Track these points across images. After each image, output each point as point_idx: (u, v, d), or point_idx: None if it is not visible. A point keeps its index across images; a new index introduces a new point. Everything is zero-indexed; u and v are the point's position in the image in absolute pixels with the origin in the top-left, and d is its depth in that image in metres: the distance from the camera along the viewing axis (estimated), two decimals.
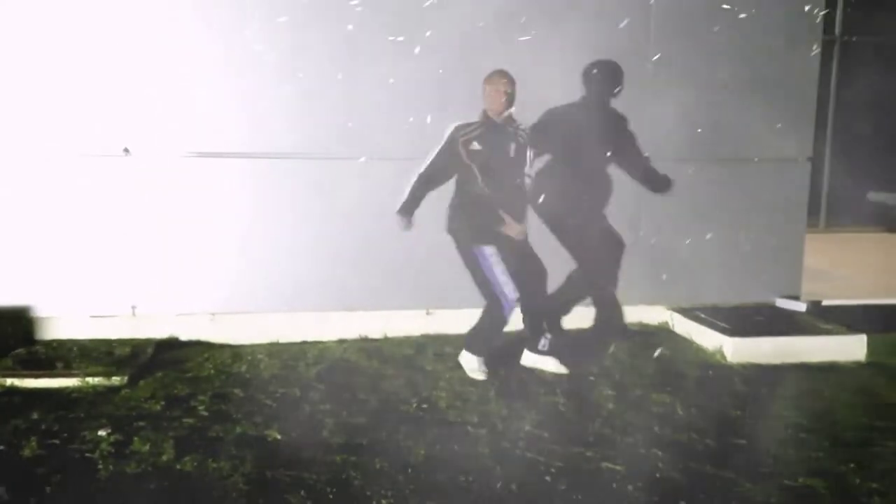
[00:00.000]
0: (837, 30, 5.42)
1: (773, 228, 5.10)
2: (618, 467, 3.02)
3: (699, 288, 5.07)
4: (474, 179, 3.86)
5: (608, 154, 4.40)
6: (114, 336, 4.46)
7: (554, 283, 4.43)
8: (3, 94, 4.26)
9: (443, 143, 3.92)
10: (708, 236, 5.01)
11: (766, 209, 5.07)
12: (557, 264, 4.38)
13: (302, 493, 2.78)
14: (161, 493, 2.77)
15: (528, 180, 4.00)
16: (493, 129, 3.90)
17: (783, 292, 5.14)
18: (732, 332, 4.43)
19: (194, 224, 4.49)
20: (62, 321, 4.46)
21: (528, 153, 3.96)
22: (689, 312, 4.89)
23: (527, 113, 4.15)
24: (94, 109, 4.33)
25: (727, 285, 5.09)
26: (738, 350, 4.32)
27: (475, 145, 3.85)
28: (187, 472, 2.92)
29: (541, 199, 4.24)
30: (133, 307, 4.51)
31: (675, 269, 5.03)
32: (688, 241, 5.01)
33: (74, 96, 4.31)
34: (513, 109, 3.94)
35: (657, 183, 4.49)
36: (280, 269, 4.54)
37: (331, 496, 2.77)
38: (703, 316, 4.78)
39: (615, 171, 4.53)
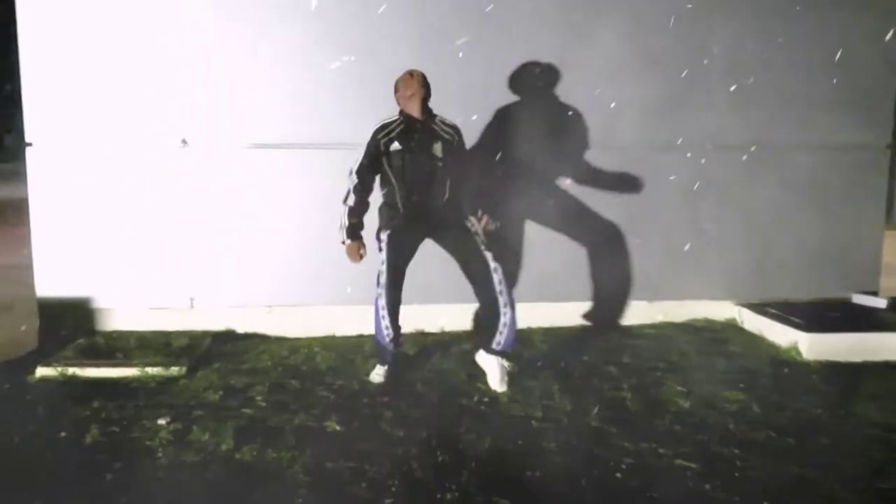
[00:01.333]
0: None
1: (849, 220, 4.83)
2: (692, 465, 2.86)
3: (769, 283, 4.84)
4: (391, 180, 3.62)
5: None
6: (172, 328, 4.48)
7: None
8: (63, 88, 4.32)
9: (365, 149, 3.63)
10: (778, 229, 4.79)
11: (841, 199, 4.81)
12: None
13: (363, 485, 2.69)
14: (220, 482, 2.72)
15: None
16: (414, 126, 3.60)
17: (860, 288, 4.86)
18: (808, 327, 4.19)
19: (251, 217, 4.47)
20: (122, 313, 4.50)
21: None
22: (758, 308, 4.65)
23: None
24: (153, 101, 4.36)
25: (799, 280, 4.84)
26: (815, 346, 4.08)
27: (395, 145, 3.56)
28: (247, 462, 2.87)
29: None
30: (191, 299, 4.52)
31: (743, 263, 4.82)
32: (756, 234, 4.80)
33: (133, 89, 4.34)
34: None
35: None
36: (336, 261, 4.45)
37: (393, 489, 2.67)
38: (774, 311, 4.53)
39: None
